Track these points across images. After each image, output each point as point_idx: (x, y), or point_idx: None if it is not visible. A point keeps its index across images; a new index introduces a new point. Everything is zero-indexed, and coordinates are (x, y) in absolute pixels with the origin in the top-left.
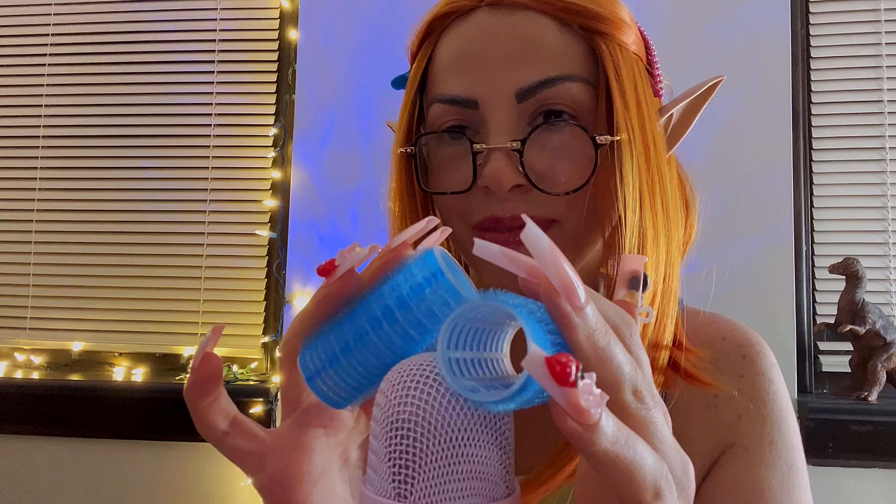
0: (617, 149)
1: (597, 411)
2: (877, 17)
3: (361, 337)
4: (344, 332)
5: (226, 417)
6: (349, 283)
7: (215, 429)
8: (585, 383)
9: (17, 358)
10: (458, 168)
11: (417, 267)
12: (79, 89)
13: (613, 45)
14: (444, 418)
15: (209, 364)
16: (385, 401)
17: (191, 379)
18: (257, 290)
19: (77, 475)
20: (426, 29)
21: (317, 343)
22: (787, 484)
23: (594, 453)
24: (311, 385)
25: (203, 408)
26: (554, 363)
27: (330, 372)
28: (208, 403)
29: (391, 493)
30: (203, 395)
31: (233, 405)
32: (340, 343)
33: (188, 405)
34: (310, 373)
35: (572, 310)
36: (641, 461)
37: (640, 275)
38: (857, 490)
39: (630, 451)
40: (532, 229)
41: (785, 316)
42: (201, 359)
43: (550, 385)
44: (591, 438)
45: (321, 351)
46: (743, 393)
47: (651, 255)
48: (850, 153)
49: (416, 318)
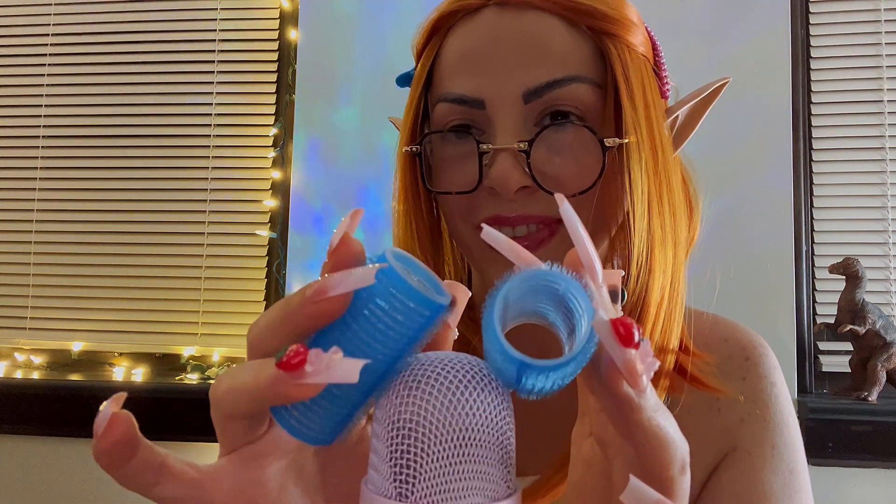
0: (625, 151)
1: (648, 377)
2: (877, 17)
3: None
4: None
5: (151, 469)
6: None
7: (143, 484)
8: (645, 345)
9: (17, 358)
10: (464, 168)
11: (379, 282)
12: (79, 89)
13: (622, 46)
14: (446, 418)
15: (118, 428)
16: (387, 401)
17: (99, 448)
18: (257, 290)
19: (77, 475)
20: (432, 27)
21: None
22: (789, 488)
23: (639, 421)
24: (294, 433)
25: (124, 471)
26: (619, 325)
27: (302, 409)
28: (128, 463)
29: (392, 493)
30: (121, 462)
31: (157, 452)
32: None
33: (105, 470)
34: (286, 422)
35: (594, 286)
36: (675, 434)
37: (618, 289)
38: (857, 490)
39: (665, 422)
40: (567, 209)
41: (785, 316)
42: (106, 426)
43: (615, 346)
44: (639, 404)
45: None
46: (745, 396)
47: (659, 257)
48: (850, 153)
49: (378, 329)
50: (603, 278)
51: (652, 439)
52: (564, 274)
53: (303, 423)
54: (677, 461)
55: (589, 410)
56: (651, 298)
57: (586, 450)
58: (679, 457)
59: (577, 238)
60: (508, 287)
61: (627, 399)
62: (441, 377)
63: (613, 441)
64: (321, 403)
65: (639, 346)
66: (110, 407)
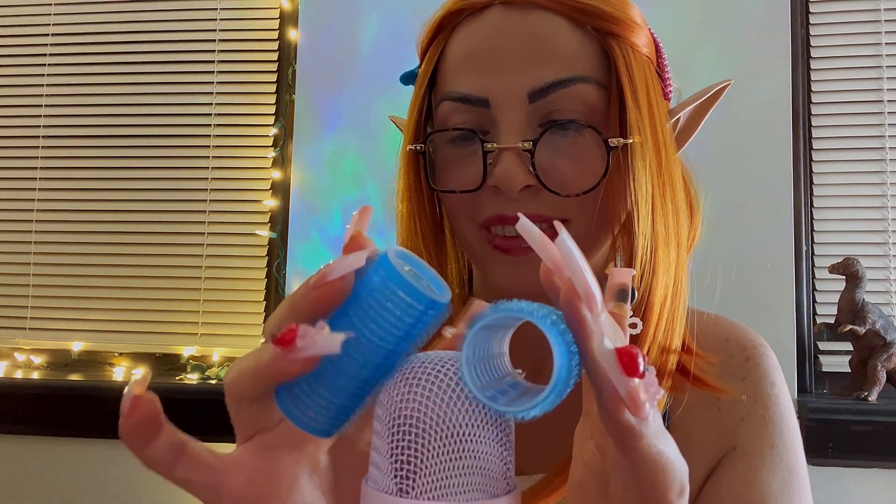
0: (629, 151)
1: (651, 405)
2: (877, 17)
3: (328, 362)
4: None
5: (172, 451)
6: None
7: (163, 464)
8: (649, 376)
9: (17, 358)
10: (468, 167)
11: (372, 272)
12: (79, 89)
13: (626, 47)
14: (447, 414)
15: (140, 409)
16: (388, 398)
17: (124, 428)
18: (257, 290)
19: (77, 475)
20: (437, 25)
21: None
22: (788, 488)
23: (640, 448)
24: (293, 419)
25: (146, 452)
26: (623, 354)
27: (309, 403)
28: (150, 445)
29: (393, 490)
30: (144, 441)
31: (179, 435)
32: (312, 373)
33: (129, 449)
34: (286, 409)
35: (591, 316)
36: (675, 459)
37: (629, 287)
38: (857, 490)
39: (666, 447)
40: (564, 238)
41: (785, 316)
42: (130, 405)
43: (618, 376)
44: (641, 432)
45: (296, 384)
46: (746, 396)
47: (662, 257)
48: (850, 153)
49: (379, 324)
50: (612, 277)
51: (652, 466)
52: (537, 311)
53: (301, 412)
54: (676, 485)
55: (592, 413)
56: (655, 298)
57: (588, 451)
58: (678, 481)
59: (574, 267)
60: (479, 328)
61: (629, 427)
62: (441, 374)
63: (612, 454)
64: (319, 392)
65: (643, 375)
66: (134, 388)
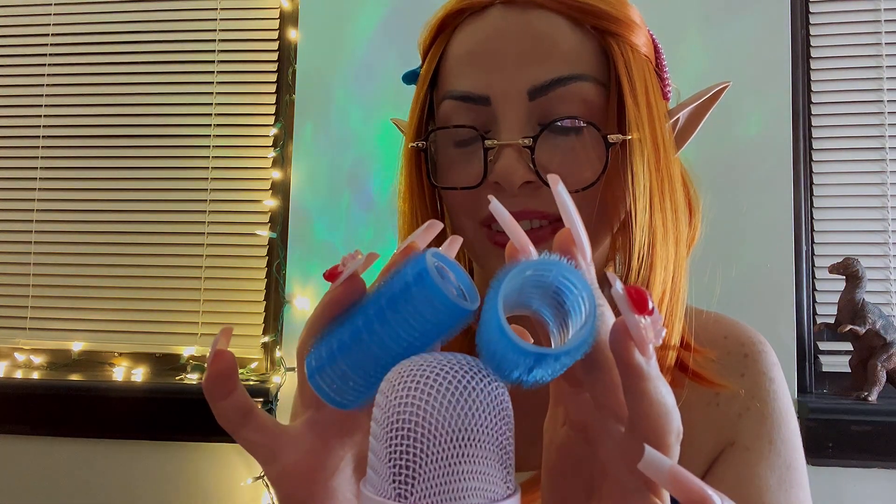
0: (628, 148)
1: (657, 344)
2: (877, 17)
3: (357, 337)
4: (343, 333)
5: (241, 411)
6: (353, 287)
7: (231, 421)
8: (656, 314)
9: (17, 358)
10: (469, 164)
11: (408, 269)
12: (79, 89)
13: (625, 46)
14: (445, 418)
15: (222, 361)
16: (385, 401)
17: (206, 377)
18: (257, 290)
19: (77, 475)
20: (438, 25)
21: (320, 344)
22: (785, 483)
23: (645, 390)
24: (312, 382)
25: (220, 404)
26: (633, 291)
27: (329, 371)
28: (225, 399)
29: (391, 494)
30: (219, 392)
31: (248, 399)
32: (339, 343)
33: (207, 399)
34: (310, 370)
35: (584, 263)
36: (673, 403)
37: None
38: (856, 490)
39: (665, 390)
40: (560, 190)
41: (785, 316)
42: (213, 357)
43: (629, 313)
44: (647, 372)
45: (322, 351)
46: (745, 391)
47: (660, 252)
48: (850, 153)
49: (404, 318)
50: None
51: (656, 407)
52: (555, 259)
53: (327, 384)
54: (674, 429)
55: (563, 399)
56: (652, 293)
57: (560, 436)
58: (676, 424)
59: (568, 217)
60: (506, 283)
61: (638, 368)
62: (440, 377)
63: (595, 423)
64: (342, 367)
65: (652, 312)
66: (218, 343)
